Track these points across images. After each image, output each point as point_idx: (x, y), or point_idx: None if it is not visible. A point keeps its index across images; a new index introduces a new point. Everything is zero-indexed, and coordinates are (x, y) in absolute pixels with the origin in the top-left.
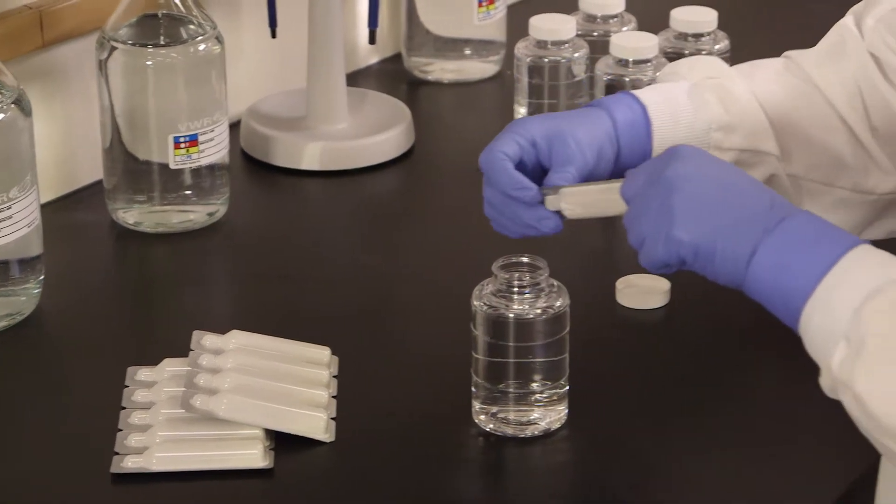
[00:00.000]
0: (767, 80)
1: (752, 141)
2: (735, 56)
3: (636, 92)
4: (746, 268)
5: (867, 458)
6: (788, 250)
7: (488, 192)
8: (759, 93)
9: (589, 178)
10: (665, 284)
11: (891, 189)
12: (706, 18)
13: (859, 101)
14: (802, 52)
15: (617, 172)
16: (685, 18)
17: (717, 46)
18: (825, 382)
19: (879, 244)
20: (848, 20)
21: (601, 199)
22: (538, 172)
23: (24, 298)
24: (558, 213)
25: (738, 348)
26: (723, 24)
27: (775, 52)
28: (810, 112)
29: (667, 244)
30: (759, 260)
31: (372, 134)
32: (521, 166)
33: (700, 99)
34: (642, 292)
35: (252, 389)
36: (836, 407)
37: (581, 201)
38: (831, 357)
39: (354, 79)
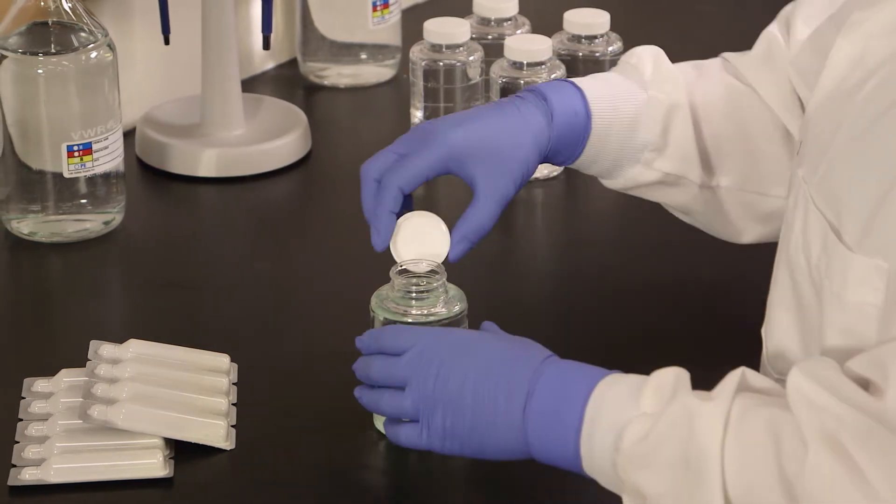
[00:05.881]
0: (710, 85)
1: (679, 168)
2: None
3: (590, 96)
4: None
5: None
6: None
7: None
8: (701, 102)
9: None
10: None
11: None
12: (599, 20)
13: (797, 106)
14: (739, 55)
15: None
16: (578, 21)
17: (610, 48)
18: None
19: None
20: (773, 28)
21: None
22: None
23: None
24: None
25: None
26: (615, 26)
27: (667, 54)
28: (750, 116)
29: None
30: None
31: (268, 140)
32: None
33: (647, 117)
34: None
35: (151, 398)
36: None
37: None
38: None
39: (250, 85)
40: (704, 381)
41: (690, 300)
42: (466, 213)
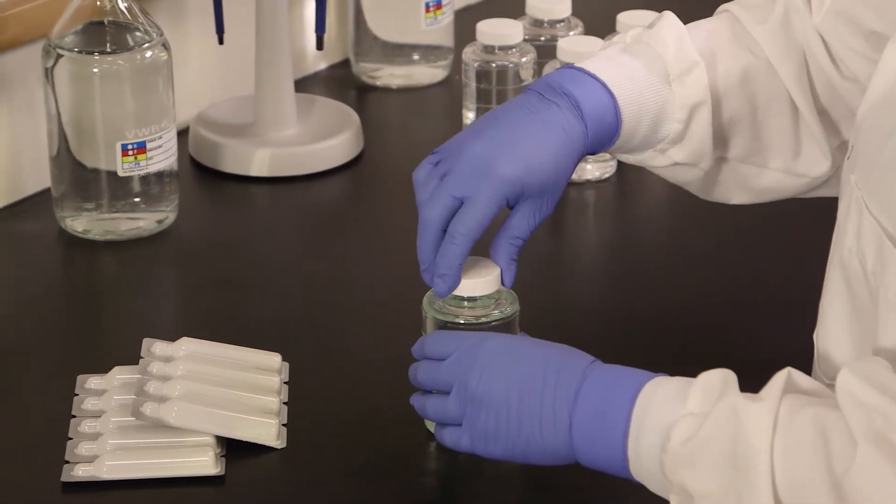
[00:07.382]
0: (727, 67)
1: (692, 158)
2: None
3: (620, 101)
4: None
5: None
6: (586, 448)
7: None
8: (719, 90)
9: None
10: None
11: (821, 173)
12: None
13: (806, 80)
14: (754, 20)
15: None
16: (632, 23)
17: None
18: None
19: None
20: None
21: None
22: None
23: None
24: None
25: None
26: None
27: None
28: (762, 94)
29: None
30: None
31: (320, 140)
32: None
33: (670, 115)
34: None
35: (203, 397)
36: None
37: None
38: None
39: (303, 85)
40: (758, 386)
41: (742, 303)
42: (502, 236)
